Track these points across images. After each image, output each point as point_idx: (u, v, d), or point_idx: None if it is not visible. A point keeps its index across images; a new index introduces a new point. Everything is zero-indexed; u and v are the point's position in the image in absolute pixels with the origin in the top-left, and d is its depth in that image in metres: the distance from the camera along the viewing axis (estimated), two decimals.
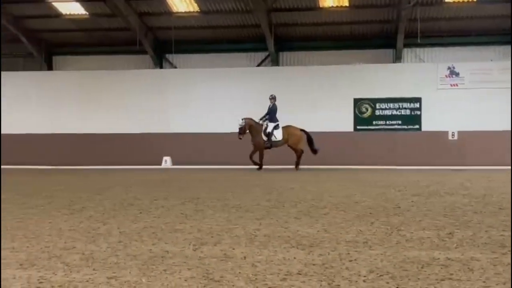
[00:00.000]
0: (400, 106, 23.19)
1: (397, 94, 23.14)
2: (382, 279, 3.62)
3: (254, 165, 18.73)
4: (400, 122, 23.19)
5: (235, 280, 3.63)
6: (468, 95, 22.61)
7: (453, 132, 22.71)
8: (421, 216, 6.57)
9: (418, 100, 23.10)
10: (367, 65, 23.63)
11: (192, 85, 24.12)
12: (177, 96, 24.15)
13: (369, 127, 23.29)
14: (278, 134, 18.74)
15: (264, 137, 18.67)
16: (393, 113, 23.25)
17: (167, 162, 23.16)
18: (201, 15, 23.34)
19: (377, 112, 23.29)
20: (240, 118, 18.92)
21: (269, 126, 18.68)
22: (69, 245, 4.93)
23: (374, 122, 23.30)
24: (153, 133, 23.87)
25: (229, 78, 23.92)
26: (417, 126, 23.10)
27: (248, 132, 18.78)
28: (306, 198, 8.72)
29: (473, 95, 22.55)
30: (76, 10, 23.35)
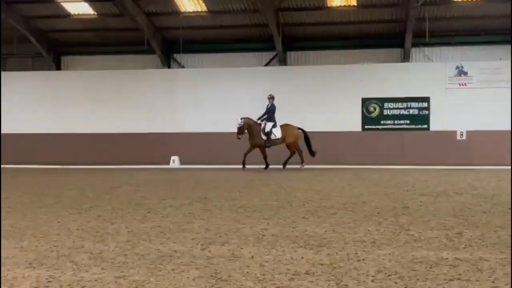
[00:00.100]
0: (408, 106, 23.09)
1: (405, 94, 23.03)
2: (390, 279, 3.61)
3: (243, 164, 18.51)
4: (408, 122, 23.10)
5: (243, 280, 3.63)
6: (477, 95, 22.46)
7: (462, 132, 22.60)
8: (430, 216, 6.55)
9: (427, 100, 23.00)
10: (375, 65, 23.54)
11: (200, 85, 24.11)
12: (185, 96, 24.15)
13: (377, 127, 23.21)
14: (277, 132, 18.72)
15: (264, 136, 18.64)
16: (401, 113, 23.15)
17: (175, 162, 23.17)
18: (209, 15, 23.35)
19: (385, 112, 23.20)
20: (239, 118, 18.84)
21: (268, 125, 18.64)
22: (78, 245, 4.95)
23: (382, 122, 23.22)
24: (161, 133, 23.89)
25: (237, 78, 23.89)
26: (426, 126, 22.99)
27: (247, 132, 18.73)
28: (314, 198, 8.72)
29: (482, 95, 22.40)
30: (85, 10, 23.42)
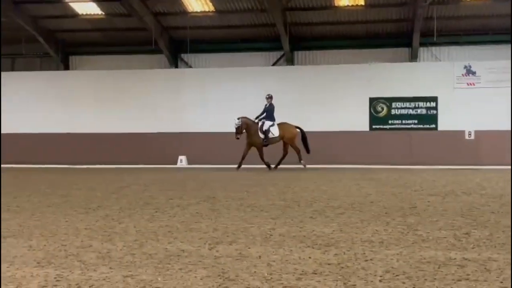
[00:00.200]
0: (416, 105, 23.02)
1: (413, 93, 22.96)
2: (398, 279, 3.60)
3: (238, 164, 18.52)
4: (416, 122, 23.03)
5: (250, 279, 3.63)
6: (485, 94, 22.35)
7: (470, 132, 22.51)
8: (438, 216, 6.53)
9: (434, 99, 22.93)
10: (383, 64, 23.48)
11: (208, 85, 24.12)
12: (193, 96, 24.17)
13: (385, 127, 23.15)
14: (275, 131, 18.68)
15: (261, 135, 18.60)
16: (409, 113, 23.09)
17: (183, 162, 23.21)
18: (216, 15, 23.37)
19: (393, 112, 23.14)
20: (236, 118, 18.75)
21: (266, 124, 18.60)
22: (86, 244, 4.97)
23: (390, 122, 23.16)
24: (169, 133, 23.91)
25: (244, 78, 23.89)
26: (433, 126, 22.92)
27: (245, 131, 18.66)
28: (322, 198, 8.71)
29: (490, 94, 22.29)
30: (92, 10, 23.49)
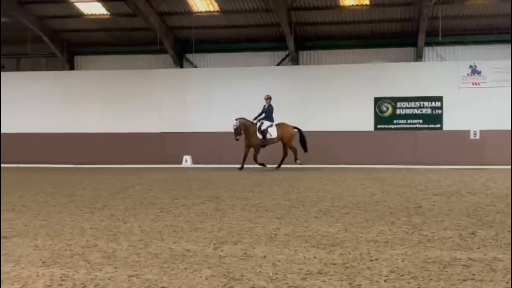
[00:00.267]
0: (421, 105, 22.96)
1: (418, 93, 22.90)
2: (403, 279, 3.60)
3: (241, 165, 18.45)
4: (421, 121, 22.97)
5: (256, 279, 3.64)
6: (491, 94, 22.28)
7: (475, 131, 22.44)
8: (443, 216, 6.52)
9: (440, 99, 22.86)
10: (388, 64, 23.41)
11: (213, 85, 24.12)
12: (198, 96, 24.18)
13: (390, 126, 23.10)
14: (273, 132, 18.63)
15: (259, 135, 18.55)
16: (414, 112, 23.02)
17: (188, 161, 23.22)
18: (221, 15, 23.36)
19: (398, 111, 23.08)
20: (233, 119, 18.58)
21: (264, 124, 18.54)
22: (91, 243, 4.98)
23: (395, 121, 23.10)
24: (174, 132, 23.93)
25: (249, 77, 23.87)
26: (439, 125, 22.86)
27: (243, 132, 18.55)
28: (326, 198, 8.70)
29: (496, 94, 22.21)
30: (98, 10, 23.52)
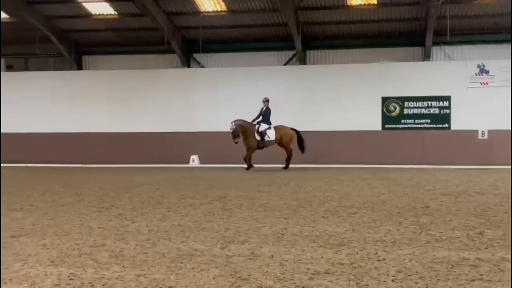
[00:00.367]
0: (429, 105, 22.89)
1: (426, 93, 22.83)
2: (411, 279, 3.59)
3: (247, 166, 18.36)
4: (429, 121, 22.90)
5: (263, 279, 3.64)
6: (499, 94, 22.18)
7: (483, 131, 22.35)
8: (451, 216, 6.50)
9: (447, 99, 22.79)
10: (396, 63, 23.36)
11: (220, 84, 24.14)
12: (205, 95, 24.21)
13: (398, 126, 23.04)
14: (271, 134, 18.58)
15: (258, 137, 18.50)
16: (422, 112, 22.96)
17: (195, 161, 23.25)
18: (229, 14, 23.37)
19: (406, 111, 23.03)
20: (229, 122, 18.43)
21: (262, 126, 18.48)
22: (99, 243, 5.00)
23: (403, 121, 23.04)
24: (181, 132, 23.96)
25: (257, 77, 23.86)
26: (446, 125, 22.78)
27: (241, 134, 18.40)
28: (334, 197, 8.69)
29: (504, 94, 22.11)
30: (105, 10, 23.59)
